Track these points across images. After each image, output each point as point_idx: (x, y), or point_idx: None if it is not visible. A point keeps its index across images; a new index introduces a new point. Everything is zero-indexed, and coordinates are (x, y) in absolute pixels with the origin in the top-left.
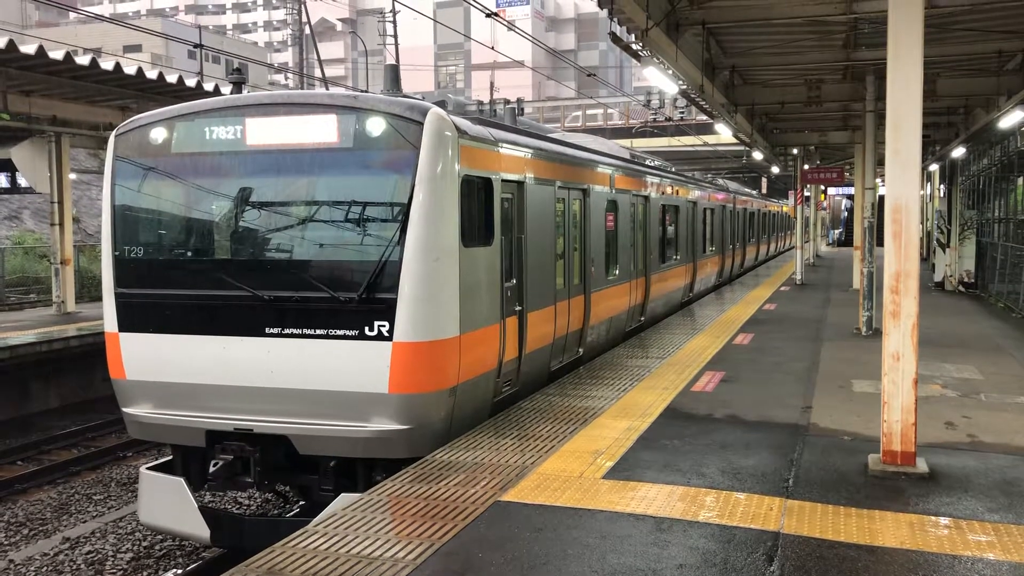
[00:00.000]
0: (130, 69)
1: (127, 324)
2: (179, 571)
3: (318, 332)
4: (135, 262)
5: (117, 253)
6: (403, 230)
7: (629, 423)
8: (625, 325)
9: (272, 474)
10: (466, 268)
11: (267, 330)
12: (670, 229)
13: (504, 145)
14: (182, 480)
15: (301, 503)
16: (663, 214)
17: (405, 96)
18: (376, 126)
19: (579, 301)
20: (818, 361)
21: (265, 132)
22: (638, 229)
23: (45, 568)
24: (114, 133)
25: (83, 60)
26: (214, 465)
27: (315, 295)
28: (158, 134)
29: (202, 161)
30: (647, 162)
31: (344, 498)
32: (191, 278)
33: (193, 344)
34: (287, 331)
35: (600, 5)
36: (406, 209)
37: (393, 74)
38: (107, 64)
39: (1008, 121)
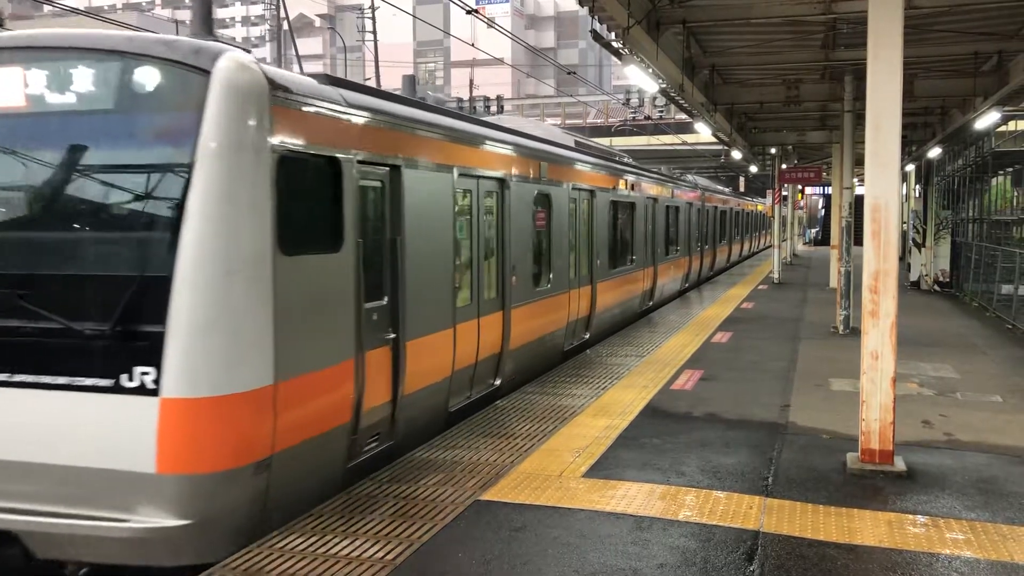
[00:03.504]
0: None
1: None
2: None
3: (57, 381)
4: None
5: None
6: (175, 230)
7: (608, 421)
8: (563, 343)
9: None
10: (288, 285)
11: None
12: (624, 229)
13: (365, 114)
14: None
15: None
16: (614, 212)
17: (217, 41)
18: (146, 78)
19: (494, 320)
20: (796, 360)
21: None
22: (581, 229)
23: None
24: None
25: None
26: None
27: (50, 326)
28: None
29: None
30: (599, 152)
31: None
32: None
33: None
34: (14, 379)
35: (581, 3)
36: (181, 199)
37: (203, 9)
38: None
39: (984, 122)
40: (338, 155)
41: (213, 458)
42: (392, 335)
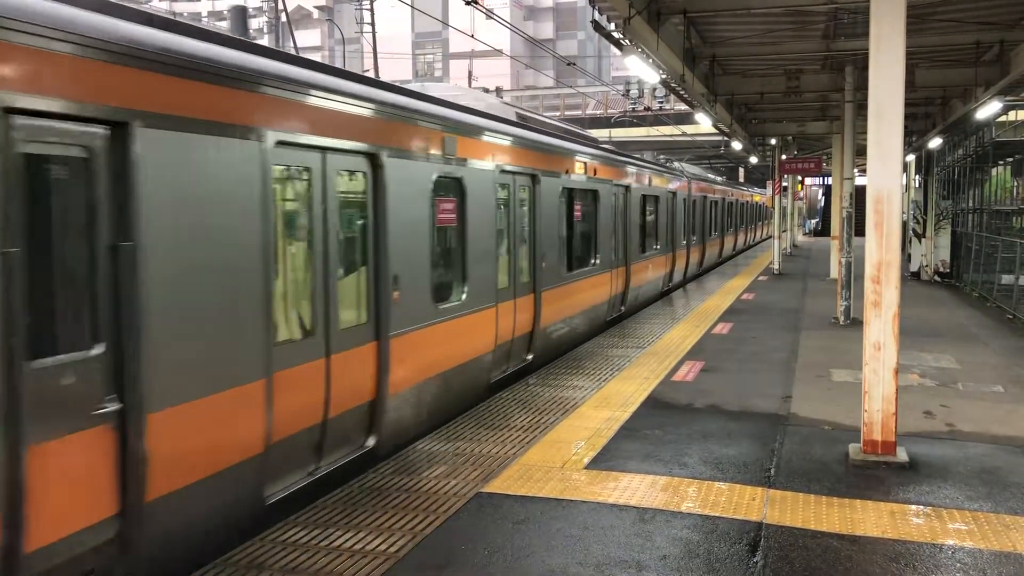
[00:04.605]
0: None
1: None
2: None
3: None
4: None
5: None
6: None
7: (610, 413)
8: (489, 373)
9: None
10: None
11: None
12: (583, 223)
13: (33, 31)
14: None
15: None
16: (568, 202)
17: None
18: None
19: (361, 356)
20: (797, 351)
21: None
22: (516, 224)
23: None
24: None
25: None
26: None
27: None
28: None
29: None
30: (552, 130)
31: None
32: None
33: None
34: None
35: None
36: None
37: None
38: None
39: (985, 112)
40: None
41: None
42: (114, 406)
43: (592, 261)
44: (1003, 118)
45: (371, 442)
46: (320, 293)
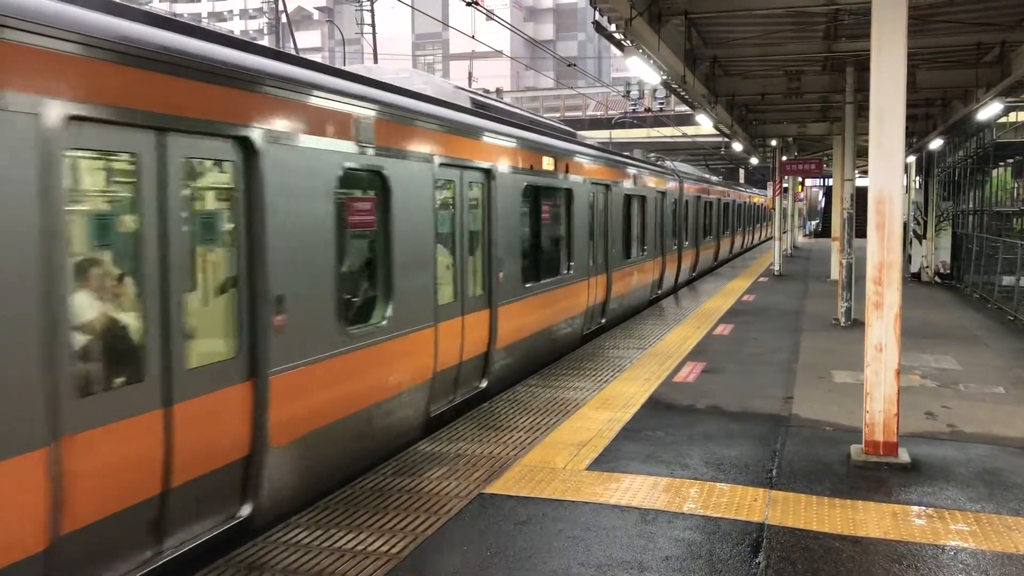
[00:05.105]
0: None
1: None
2: None
3: None
4: None
5: None
6: None
7: (612, 414)
8: (427, 406)
9: None
10: None
11: None
12: (553, 227)
13: None
14: None
15: None
16: (535, 203)
17: None
18: None
19: (227, 399)
20: (798, 352)
21: None
22: (465, 228)
23: None
24: None
25: None
26: None
27: None
28: None
29: None
30: (515, 120)
31: None
32: None
33: None
34: None
35: None
36: None
37: None
38: None
39: (986, 113)
40: None
41: None
42: None
43: (564, 269)
44: (1004, 119)
45: (245, 511)
46: (154, 323)
